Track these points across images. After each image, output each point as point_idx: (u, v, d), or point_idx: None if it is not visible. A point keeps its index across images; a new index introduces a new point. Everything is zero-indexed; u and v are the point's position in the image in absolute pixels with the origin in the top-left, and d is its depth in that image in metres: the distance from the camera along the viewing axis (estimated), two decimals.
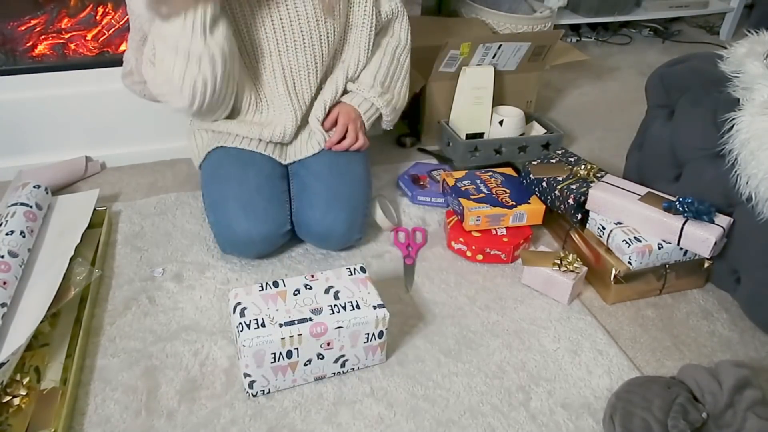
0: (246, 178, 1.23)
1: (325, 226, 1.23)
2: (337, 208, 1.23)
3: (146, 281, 1.22)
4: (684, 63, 1.34)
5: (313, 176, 1.27)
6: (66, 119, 1.53)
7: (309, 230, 1.25)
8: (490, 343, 1.11)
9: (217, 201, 1.23)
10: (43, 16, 1.56)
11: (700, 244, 1.12)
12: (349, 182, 1.27)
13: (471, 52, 1.61)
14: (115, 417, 0.95)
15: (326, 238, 1.25)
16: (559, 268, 1.20)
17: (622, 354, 1.10)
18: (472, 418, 0.97)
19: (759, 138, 1.08)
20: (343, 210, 1.23)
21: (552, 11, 2.07)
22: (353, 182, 1.28)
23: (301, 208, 1.25)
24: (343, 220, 1.23)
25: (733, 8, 2.70)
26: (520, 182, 1.40)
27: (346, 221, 1.24)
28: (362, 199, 1.29)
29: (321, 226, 1.23)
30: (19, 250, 1.13)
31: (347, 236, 1.26)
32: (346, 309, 0.97)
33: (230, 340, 1.09)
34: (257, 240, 1.20)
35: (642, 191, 1.23)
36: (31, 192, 1.27)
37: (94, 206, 1.33)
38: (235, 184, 1.22)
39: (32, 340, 1.03)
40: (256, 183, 1.22)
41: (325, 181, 1.26)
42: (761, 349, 1.13)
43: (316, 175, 1.27)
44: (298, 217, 1.25)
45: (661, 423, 0.89)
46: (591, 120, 1.98)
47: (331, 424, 0.95)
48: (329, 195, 1.24)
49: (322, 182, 1.26)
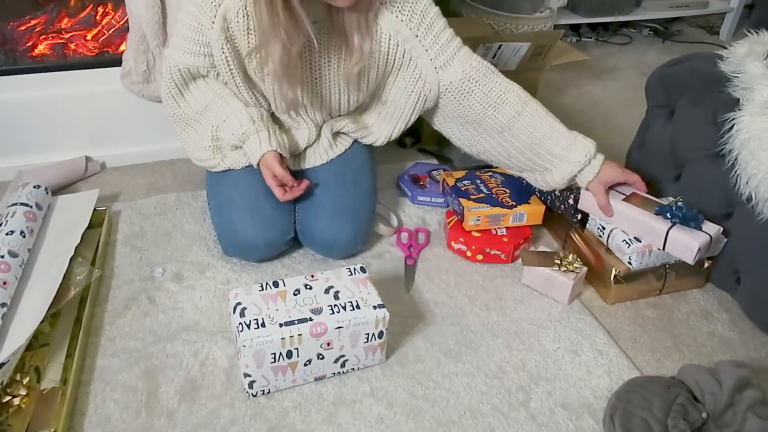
0: (254, 183, 1.21)
1: (329, 236, 1.22)
2: (342, 219, 1.22)
3: (146, 281, 1.22)
4: (684, 63, 1.34)
5: (320, 186, 1.27)
6: (66, 119, 1.53)
7: (313, 240, 1.24)
8: (490, 343, 1.11)
9: (223, 203, 1.22)
10: (43, 16, 1.56)
11: (684, 250, 1.11)
12: (355, 193, 1.27)
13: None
14: (115, 417, 0.95)
15: (330, 248, 1.24)
16: (559, 268, 1.19)
17: (622, 354, 1.10)
18: (472, 418, 0.97)
19: (759, 138, 1.08)
20: (348, 221, 1.23)
21: (552, 11, 2.07)
22: (359, 194, 1.27)
23: (305, 217, 1.24)
24: (348, 231, 1.23)
25: (733, 8, 2.69)
26: (520, 182, 1.40)
27: (351, 233, 1.23)
28: (367, 211, 1.28)
29: (325, 236, 1.22)
30: (19, 250, 1.13)
31: (351, 247, 1.26)
32: (346, 309, 0.97)
33: (230, 340, 1.09)
34: (261, 245, 1.20)
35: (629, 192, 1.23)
36: (31, 192, 1.27)
37: (94, 206, 1.33)
38: (242, 187, 1.21)
39: (32, 340, 1.03)
40: (264, 188, 1.20)
41: (332, 192, 1.25)
42: (761, 349, 1.13)
43: (323, 184, 1.27)
44: (303, 226, 1.25)
45: (661, 423, 0.89)
46: (591, 120, 1.98)
47: (331, 424, 0.95)
48: (335, 205, 1.23)
49: (328, 192, 1.25)
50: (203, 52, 1.13)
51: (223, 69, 1.15)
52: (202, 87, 1.20)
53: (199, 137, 1.24)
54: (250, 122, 1.16)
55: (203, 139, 1.22)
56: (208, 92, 1.20)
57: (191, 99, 1.21)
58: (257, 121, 1.17)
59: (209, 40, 1.11)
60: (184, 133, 1.26)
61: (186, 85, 1.20)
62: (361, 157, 1.34)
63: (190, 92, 1.21)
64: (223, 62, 1.13)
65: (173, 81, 1.19)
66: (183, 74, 1.18)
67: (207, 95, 1.20)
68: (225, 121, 1.18)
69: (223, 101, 1.19)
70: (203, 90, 1.20)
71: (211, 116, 1.20)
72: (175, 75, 1.18)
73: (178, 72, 1.17)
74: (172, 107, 1.23)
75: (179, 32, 1.14)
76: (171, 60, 1.17)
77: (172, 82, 1.19)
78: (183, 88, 1.21)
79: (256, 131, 1.16)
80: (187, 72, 1.17)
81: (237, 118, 1.17)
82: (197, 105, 1.21)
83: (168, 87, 1.20)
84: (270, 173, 1.16)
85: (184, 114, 1.23)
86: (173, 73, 1.18)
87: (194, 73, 1.18)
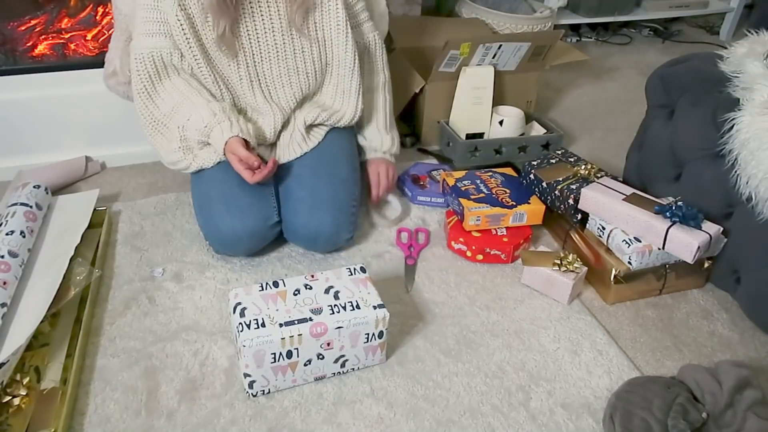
0: (228, 177, 1.23)
1: (310, 230, 1.23)
2: (320, 211, 1.23)
3: (146, 281, 1.22)
4: (684, 63, 1.34)
5: (296, 180, 1.28)
6: (66, 119, 1.53)
7: (296, 235, 1.26)
8: (490, 343, 1.11)
9: (203, 202, 1.24)
10: (43, 16, 1.56)
11: (684, 248, 1.12)
12: (332, 183, 1.27)
13: (471, 52, 1.61)
14: (115, 417, 0.95)
15: (313, 241, 1.25)
16: (559, 268, 1.19)
17: (622, 354, 1.10)
18: (472, 418, 0.97)
19: (759, 138, 1.08)
20: (328, 212, 1.23)
21: (552, 11, 2.07)
22: (337, 183, 1.28)
23: (286, 213, 1.26)
24: (329, 222, 1.23)
25: (733, 8, 2.70)
26: (520, 182, 1.40)
27: (332, 223, 1.24)
28: (347, 199, 1.28)
29: (307, 230, 1.23)
30: (19, 250, 1.13)
31: (335, 237, 1.26)
32: (346, 309, 0.97)
33: (230, 340, 1.09)
34: (244, 236, 1.20)
35: (629, 192, 1.23)
36: (31, 192, 1.27)
37: (94, 206, 1.33)
38: (217, 183, 1.23)
39: (32, 340, 1.03)
40: (239, 180, 1.21)
41: (307, 185, 1.26)
42: (761, 349, 1.13)
43: (298, 179, 1.28)
44: (285, 223, 1.26)
45: (661, 423, 0.89)
46: (591, 120, 1.98)
47: (331, 424, 0.95)
48: (312, 200, 1.24)
49: (303, 187, 1.26)
50: (163, 31, 1.18)
51: (181, 41, 1.17)
52: (169, 89, 1.22)
53: (168, 141, 1.26)
54: (211, 116, 1.19)
55: (172, 142, 1.25)
56: (174, 93, 1.22)
57: (160, 101, 1.23)
58: (218, 113, 1.19)
59: (167, 16, 1.15)
60: (153, 137, 1.27)
61: (153, 84, 1.22)
62: (336, 146, 1.34)
63: (159, 94, 1.23)
64: (180, 33, 1.16)
65: (140, 77, 1.21)
66: (148, 66, 1.20)
67: (174, 96, 1.22)
68: (189, 120, 1.20)
69: (187, 101, 1.21)
70: (170, 92, 1.22)
71: (177, 117, 1.22)
72: (141, 68, 1.20)
73: (143, 63, 1.20)
74: (143, 107, 1.24)
75: (139, 18, 1.19)
76: (136, 49, 1.20)
77: (140, 77, 1.21)
78: (151, 88, 1.22)
79: (218, 123, 1.19)
80: (151, 61, 1.20)
81: (199, 114, 1.19)
82: (165, 107, 1.23)
83: (138, 83, 1.22)
84: (236, 158, 1.17)
85: (153, 116, 1.25)
86: (139, 65, 1.20)
87: (158, 63, 1.20)
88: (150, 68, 1.20)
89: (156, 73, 1.22)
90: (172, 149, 1.25)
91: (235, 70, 1.24)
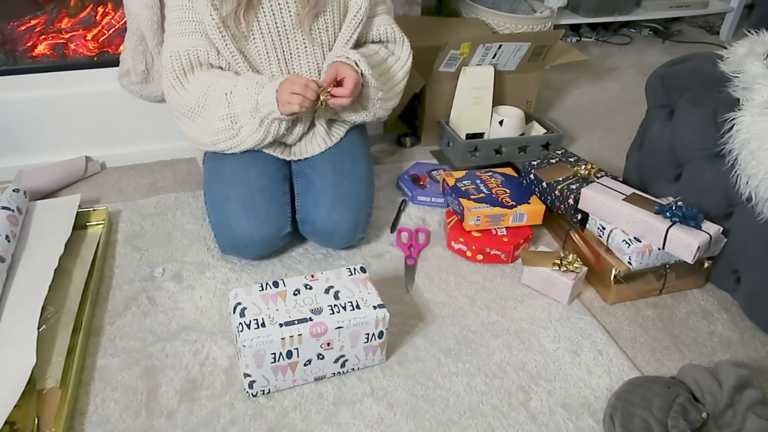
0: (248, 178, 1.22)
1: (330, 223, 1.23)
2: (343, 206, 1.23)
3: (146, 281, 1.22)
4: (684, 63, 1.34)
5: (319, 175, 1.27)
6: (66, 119, 1.53)
7: (314, 228, 1.25)
8: (490, 343, 1.11)
9: (219, 201, 1.22)
10: (43, 16, 1.56)
11: (684, 248, 1.12)
12: (354, 182, 1.27)
13: (471, 52, 1.61)
14: (115, 417, 0.95)
15: (331, 235, 1.25)
16: (559, 268, 1.19)
17: (622, 354, 1.10)
18: (472, 418, 0.97)
19: (759, 138, 1.08)
20: (349, 209, 1.24)
21: (552, 11, 2.07)
22: (358, 182, 1.28)
23: (305, 205, 1.25)
24: (349, 218, 1.23)
25: (733, 8, 2.70)
26: (520, 182, 1.40)
27: (351, 220, 1.24)
28: (366, 199, 1.29)
29: (326, 224, 1.23)
30: (5, 255, 1.12)
31: (352, 234, 1.26)
32: (346, 309, 0.97)
33: (230, 340, 1.09)
34: (257, 242, 1.20)
35: (629, 192, 1.23)
36: (12, 195, 1.25)
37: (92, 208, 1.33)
38: (237, 184, 1.22)
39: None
40: (259, 184, 1.21)
41: (330, 180, 1.26)
42: (761, 349, 1.13)
43: (322, 173, 1.27)
44: (303, 215, 1.25)
45: (661, 423, 0.89)
46: (591, 120, 1.98)
47: (331, 424, 0.95)
48: (334, 193, 1.24)
49: (327, 181, 1.26)
50: (198, 30, 1.18)
51: (217, 38, 1.17)
52: (199, 77, 1.22)
53: (211, 113, 1.22)
54: (257, 77, 1.17)
55: (218, 109, 1.20)
56: (206, 77, 1.21)
57: (191, 87, 1.22)
58: (261, 78, 1.18)
59: (201, 16, 1.15)
60: (192, 121, 1.24)
61: (185, 75, 1.22)
62: (356, 148, 1.35)
63: (189, 82, 1.22)
64: (215, 32, 1.16)
65: (174, 72, 1.20)
66: (183, 62, 1.20)
67: (206, 80, 1.21)
68: (236, 86, 1.18)
69: (224, 78, 1.20)
70: (201, 79, 1.22)
71: (219, 90, 1.20)
72: (175, 64, 1.20)
73: (179, 60, 1.19)
74: (175, 98, 1.23)
75: (171, 19, 1.19)
76: (171, 48, 1.19)
77: (173, 72, 1.21)
78: (183, 79, 1.22)
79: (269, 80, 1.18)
80: (186, 59, 1.20)
81: (243, 82, 1.18)
82: (197, 92, 1.21)
83: (169, 79, 1.22)
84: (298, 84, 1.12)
85: (186, 103, 1.23)
86: (174, 62, 1.20)
87: (193, 60, 1.20)
88: (185, 64, 1.21)
89: (190, 68, 1.22)
90: (217, 117, 1.20)
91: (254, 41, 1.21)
